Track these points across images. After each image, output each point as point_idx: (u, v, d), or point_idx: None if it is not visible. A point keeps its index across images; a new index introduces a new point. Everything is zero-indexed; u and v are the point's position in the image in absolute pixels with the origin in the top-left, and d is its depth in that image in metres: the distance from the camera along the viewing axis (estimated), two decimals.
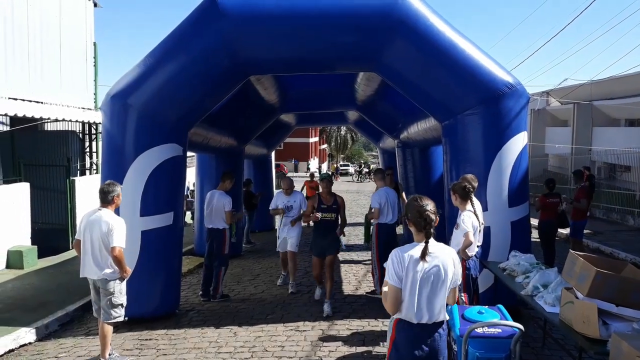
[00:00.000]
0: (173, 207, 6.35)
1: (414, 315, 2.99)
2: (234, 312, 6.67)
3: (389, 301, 3.02)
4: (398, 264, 2.99)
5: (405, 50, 6.03)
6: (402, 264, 2.98)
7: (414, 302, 2.97)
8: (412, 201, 3.17)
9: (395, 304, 3.00)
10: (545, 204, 8.45)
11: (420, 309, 2.99)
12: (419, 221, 3.06)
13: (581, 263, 3.78)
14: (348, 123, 16.28)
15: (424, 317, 3.00)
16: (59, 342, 5.81)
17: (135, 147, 6.11)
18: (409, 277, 2.97)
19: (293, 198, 7.79)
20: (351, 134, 55.95)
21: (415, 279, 2.97)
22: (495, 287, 5.84)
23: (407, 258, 2.98)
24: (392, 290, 2.99)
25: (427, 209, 3.06)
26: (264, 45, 6.08)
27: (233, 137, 10.09)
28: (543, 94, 25.33)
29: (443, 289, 3.03)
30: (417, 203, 3.11)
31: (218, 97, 6.75)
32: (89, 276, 4.91)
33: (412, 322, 3.01)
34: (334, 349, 5.31)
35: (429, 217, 3.04)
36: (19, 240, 9.49)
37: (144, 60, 6.12)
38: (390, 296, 2.99)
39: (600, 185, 18.09)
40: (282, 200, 7.79)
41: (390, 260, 3.04)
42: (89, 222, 4.87)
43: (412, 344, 3.01)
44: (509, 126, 6.05)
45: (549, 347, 5.24)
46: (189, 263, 9.57)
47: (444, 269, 3.01)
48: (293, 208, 7.73)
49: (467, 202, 5.12)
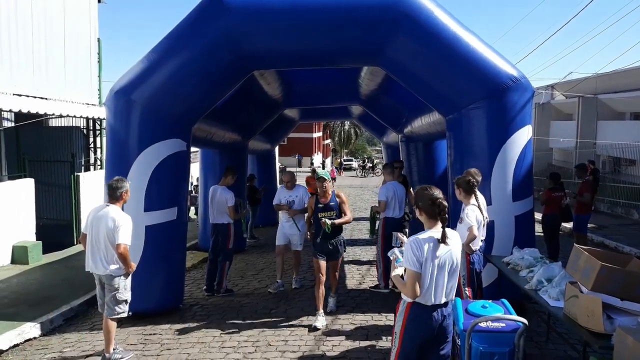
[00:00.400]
0: (177, 202, 6.36)
1: (431, 298, 3.17)
2: (238, 307, 6.69)
3: (409, 287, 3.16)
4: (417, 249, 3.14)
5: (409, 44, 6.00)
6: (421, 250, 3.14)
7: (432, 285, 3.16)
8: (421, 191, 3.32)
9: (416, 289, 3.14)
10: (550, 198, 8.42)
11: (437, 292, 3.18)
12: (433, 209, 3.22)
13: (585, 257, 3.76)
14: (352, 118, 16.24)
15: (437, 299, 3.19)
16: (63, 336, 5.85)
17: (139, 143, 6.12)
18: (428, 262, 3.13)
19: (295, 192, 7.44)
20: (355, 129, 55.89)
21: (434, 264, 3.14)
22: (499, 281, 5.82)
23: (426, 244, 3.15)
24: (413, 276, 3.13)
25: (439, 197, 3.23)
26: (268, 40, 6.06)
27: (237, 133, 10.08)
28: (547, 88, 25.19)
29: (456, 271, 3.27)
30: (427, 192, 3.27)
31: (222, 92, 6.74)
32: (94, 271, 4.93)
33: (427, 304, 3.18)
34: (337, 344, 5.31)
35: (442, 204, 3.21)
36: (24, 235, 9.53)
37: (147, 55, 6.12)
38: (412, 282, 3.14)
39: (605, 179, 18.02)
40: (284, 195, 7.51)
41: (409, 247, 3.18)
42: (96, 218, 4.88)
43: (426, 325, 3.20)
44: (514, 120, 6.01)
45: (553, 342, 5.23)
46: (193, 258, 9.60)
47: (456, 254, 3.25)
48: (295, 203, 7.38)
49: (471, 196, 5.11)
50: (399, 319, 3.35)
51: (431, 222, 3.27)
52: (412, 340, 3.25)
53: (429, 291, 3.16)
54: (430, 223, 3.27)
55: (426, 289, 3.16)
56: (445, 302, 3.25)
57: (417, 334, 3.23)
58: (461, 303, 4.10)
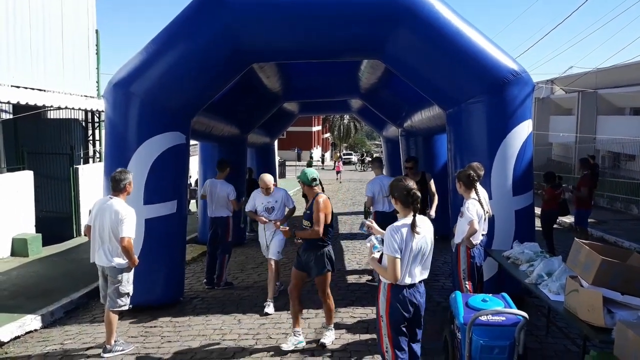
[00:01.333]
0: (176, 195, 6.35)
1: (408, 279, 3.51)
2: (238, 300, 6.70)
3: (390, 271, 3.45)
4: (398, 237, 3.43)
5: (409, 38, 5.97)
6: (400, 236, 3.43)
7: (408, 268, 3.48)
8: (397, 182, 3.64)
9: (397, 273, 3.43)
10: (553, 196, 8.52)
11: (413, 273, 3.52)
12: (407, 198, 3.52)
13: (586, 251, 3.77)
14: (351, 111, 16.22)
15: (413, 279, 3.53)
16: (64, 329, 5.85)
17: (138, 135, 6.10)
18: (407, 248, 3.44)
19: (274, 198, 6.41)
20: (354, 123, 55.78)
21: (412, 249, 3.46)
22: (499, 275, 5.84)
23: (404, 232, 3.45)
24: (393, 261, 3.43)
25: (413, 187, 3.54)
26: (267, 33, 6.03)
27: (236, 126, 10.06)
28: (547, 82, 25.16)
29: (430, 254, 3.60)
30: (402, 183, 3.59)
31: (221, 85, 6.71)
32: (98, 263, 4.94)
33: (404, 284, 3.51)
34: (337, 336, 5.32)
35: (415, 194, 3.51)
36: (24, 228, 9.52)
37: (146, 48, 6.09)
38: (392, 266, 3.43)
39: (605, 174, 18.03)
40: (261, 200, 6.44)
41: (390, 235, 3.45)
42: (100, 209, 4.88)
43: (405, 303, 3.52)
44: (514, 114, 6.00)
45: (553, 335, 5.24)
46: (192, 251, 9.60)
47: (429, 238, 3.57)
48: (275, 209, 6.40)
49: (472, 190, 5.11)
50: (382, 302, 3.60)
51: (406, 210, 3.56)
52: (398, 318, 3.53)
53: (406, 273, 3.49)
54: (405, 212, 3.56)
55: (404, 271, 3.47)
56: (420, 281, 3.59)
57: (401, 312, 3.52)
58: (461, 297, 4.11)
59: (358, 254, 9.30)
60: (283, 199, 6.50)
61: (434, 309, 6.13)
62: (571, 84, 21.47)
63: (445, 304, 5.88)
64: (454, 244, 5.30)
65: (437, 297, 6.62)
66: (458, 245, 5.14)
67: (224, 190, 7.19)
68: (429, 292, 6.70)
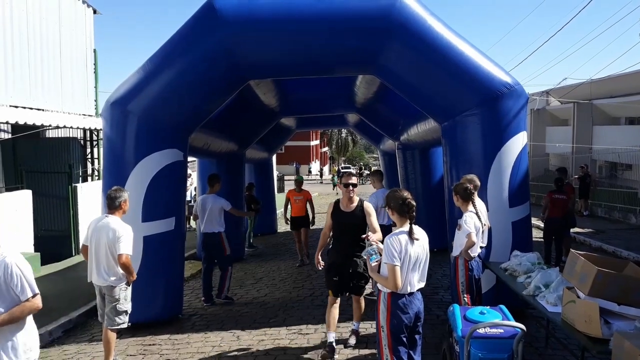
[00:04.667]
0: (175, 212, 6.37)
1: (408, 288, 3.62)
2: (237, 316, 6.68)
3: (391, 280, 3.56)
4: (397, 246, 3.56)
5: (403, 52, 6.04)
6: (399, 245, 3.57)
7: (408, 276, 3.60)
8: (392, 193, 3.78)
9: (397, 281, 3.54)
10: (551, 201, 8.47)
11: (412, 281, 3.64)
12: (403, 208, 3.65)
13: (582, 262, 3.78)
14: (348, 126, 16.29)
15: (412, 287, 3.65)
16: (62, 348, 5.83)
17: (136, 153, 6.14)
18: (406, 257, 3.57)
19: None
20: (352, 137, 55.95)
21: (411, 258, 3.59)
22: (497, 287, 5.84)
23: (403, 241, 3.58)
24: (394, 270, 3.54)
25: (408, 197, 3.67)
26: (263, 50, 6.10)
27: (234, 142, 10.10)
28: (543, 94, 25.28)
29: (427, 262, 3.73)
30: (398, 194, 3.73)
31: (218, 102, 6.77)
32: (95, 282, 4.94)
33: (405, 293, 3.62)
34: (337, 352, 5.30)
35: (410, 203, 3.65)
36: (22, 247, 9.50)
37: (143, 66, 6.15)
38: (393, 275, 3.55)
39: (602, 183, 18.08)
40: None
41: (390, 244, 3.57)
42: (96, 229, 4.89)
43: (405, 310, 3.63)
44: (508, 126, 6.05)
45: (552, 347, 5.23)
46: (191, 268, 9.57)
47: (425, 247, 3.71)
48: None
49: (469, 203, 5.13)
50: (382, 311, 3.69)
51: (402, 220, 3.69)
52: (399, 326, 3.64)
53: (406, 281, 3.61)
54: (401, 221, 3.70)
55: (404, 279, 3.59)
56: (418, 289, 3.71)
57: (402, 320, 3.63)
58: (459, 309, 4.11)
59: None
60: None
61: (433, 322, 6.12)
62: (566, 94, 21.61)
63: (443, 317, 5.87)
64: (453, 257, 5.30)
65: (436, 310, 6.61)
66: (456, 257, 5.15)
67: (216, 204, 7.21)
68: (428, 305, 6.71)
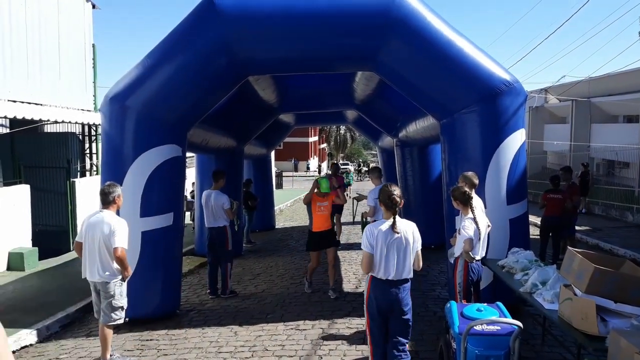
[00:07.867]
0: (173, 208, 6.37)
1: (383, 274, 3.97)
2: (235, 312, 6.69)
3: (363, 264, 4.06)
4: (370, 235, 3.99)
5: (402, 49, 6.04)
6: (373, 235, 3.97)
7: (382, 264, 3.96)
8: (384, 187, 4.14)
9: (368, 266, 4.00)
10: (546, 200, 8.49)
11: (387, 269, 3.97)
12: (388, 202, 4.01)
13: (579, 260, 3.79)
14: (347, 122, 16.29)
15: (390, 275, 3.97)
16: (60, 343, 5.83)
17: (135, 149, 6.13)
18: (378, 245, 3.95)
19: None
20: (350, 133, 55.93)
21: (384, 246, 3.94)
22: (494, 284, 5.85)
23: (377, 231, 3.98)
24: (366, 256, 4.00)
25: (395, 194, 4.02)
26: (262, 46, 6.09)
27: (232, 138, 10.10)
28: (541, 91, 25.31)
29: (407, 254, 4.00)
30: (387, 189, 4.09)
31: (216, 97, 6.76)
32: (89, 279, 4.93)
33: (382, 278, 3.98)
34: (334, 348, 5.33)
35: (395, 199, 4.00)
36: (20, 242, 9.50)
37: (142, 62, 6.14)
38: (365, 260, 4.02)
39: (600, 181, 18.11)
40: None
41: (365, 233, 4.03)
42: (91, 224, 4.88)
43: (383, 294, 4.00)
44: (507, 124, 6.06)
45: (548, 344, 5.25)
46: (189, 263, 9.59)
47: (405, 239, 4.00)
48: None
49: (468, 206, 5.09)
50: (364, 292, 4.15)
51: (388, 213, 4.04)
52: (373, 306, 4.04)
53: (380, 267, 3.96)
54: (388, 214, 4.05)
55: (378, 265, 3.96)
56: (401, 279, 3.99)
57: (376, 302, 4.01)
58: (456, 306, 4.12)
59: (354, 264, 9.30)
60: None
61: (430, 318, 6.14)
62: (565, 92, 21.63)
63: (440, 313, 5.89)
64: (452, 255, 5.30)
65: (433, 306, 6.63)
66: (456, 258, 5.13)
67: (219, 200, 7.27)
68: (425, 302, 6.77)
